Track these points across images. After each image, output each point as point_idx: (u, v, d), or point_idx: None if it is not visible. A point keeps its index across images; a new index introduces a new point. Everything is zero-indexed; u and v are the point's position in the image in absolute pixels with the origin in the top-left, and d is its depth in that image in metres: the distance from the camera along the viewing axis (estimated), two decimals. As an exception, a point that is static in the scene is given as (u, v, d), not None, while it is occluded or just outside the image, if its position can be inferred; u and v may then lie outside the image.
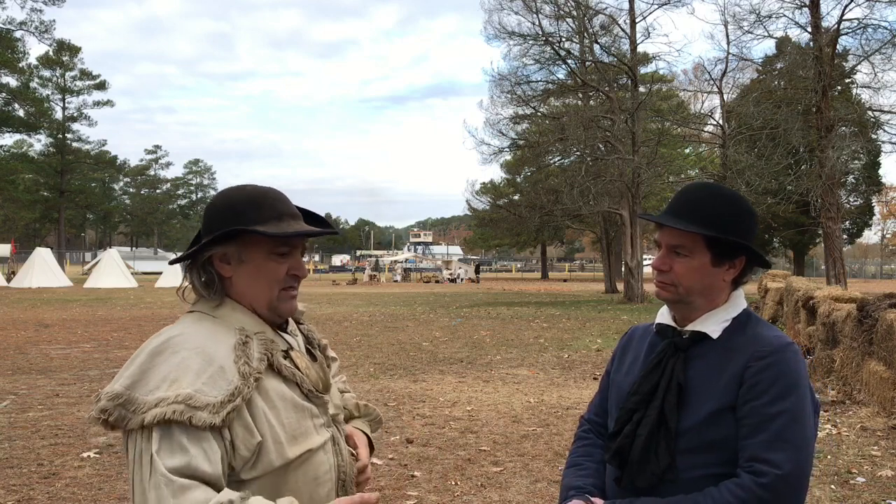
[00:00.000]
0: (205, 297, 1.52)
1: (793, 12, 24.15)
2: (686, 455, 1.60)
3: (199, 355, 1.41)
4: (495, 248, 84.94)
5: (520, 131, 38.89)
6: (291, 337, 1.62)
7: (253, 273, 1.51)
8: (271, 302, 1.53)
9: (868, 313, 7.79)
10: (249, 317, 1.53)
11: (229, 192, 1.56)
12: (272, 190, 1.57)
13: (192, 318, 1.52)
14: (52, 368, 10.35)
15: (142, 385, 1.36)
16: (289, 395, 1.49)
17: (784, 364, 1.58)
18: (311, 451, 1.49)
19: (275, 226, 1.49)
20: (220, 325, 1.49)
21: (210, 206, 1.56)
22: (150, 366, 1.39)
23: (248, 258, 1.51)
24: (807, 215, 31.94)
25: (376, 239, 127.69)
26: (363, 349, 12.74)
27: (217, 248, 1.50)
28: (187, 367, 1.38)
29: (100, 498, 4.86)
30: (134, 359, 1.43)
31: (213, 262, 1.51)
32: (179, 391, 1.34)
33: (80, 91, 63.94)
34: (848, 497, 4.92)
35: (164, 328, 1.50)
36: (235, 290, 1.53)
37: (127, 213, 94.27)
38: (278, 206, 1.53)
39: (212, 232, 1.50)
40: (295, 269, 1.55)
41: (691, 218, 1.65)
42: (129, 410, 1.34)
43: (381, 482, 5.18)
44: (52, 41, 53.12)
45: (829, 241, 23.54)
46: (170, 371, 1.37)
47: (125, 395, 1.35)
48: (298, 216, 1.57)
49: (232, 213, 1.50)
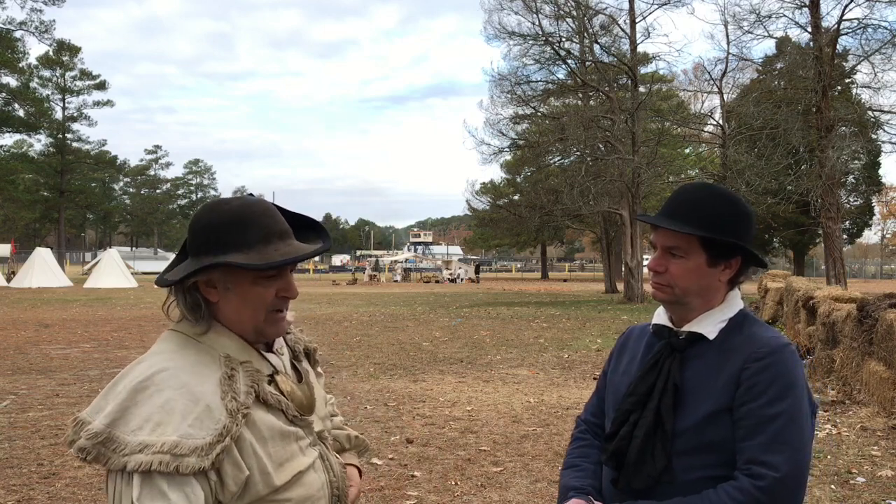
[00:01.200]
0: (191, 321, 1.47)
1: (793, 12, 24.18)
2: (683, 456, 1.60)
3: (185, 395, 1.36)
4: (495, 248, 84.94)
5: (520, 131, 38.91)
6: (277, 357, 1.59)
7: (239, 300, 1.46)
8: (258, 326, 1.49)
9: (868, 313, 7.79)
10: (235, 342, 1.49)
11: (215, 208, 1.48)
12: (260, 204, 1.49)
13: (175, 343, 1.47)
14: (52, 368, 10.35)
15: (122, 424, 1.32)
16: (276, 425, 1.46)
17: (781, 365, 1.58)
18: (300, 473, 1.48)
19: (259, 251, 1.42)
20: (204, 354, 1.45)
21: (195, 222, 1.48)
22: (131, 403, 1.34)
23: (234, 286, 1.45)
24: (807, 215, 31.94)
25: (376, 239, 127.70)
26: (363, 349, 12.74)
27: (201, 276, 1.45)
28: (172, 409, 1.34)
29: (100, 498, 4.86)
30: (113, 390, 1.38)
31: (199, 287, 1.46)
32: (165, 438, 1.30)
33: (80, 91, 63.99)
34: (848, 497, 4.92)
35: (147, 355, 1.45)
36: (222, 314, 1.48)
37: (127, 213, 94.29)
38: (266, 224, 1.45)
39: (195, 253, 1.45)
40: (284, 290, 1.49)
41: (686, 219, 1.65)
42: (110, 449, 1.30)
43: (381, 482, 5.18)
44: (52, 41, 53.19)
45: (829, 241, 23.54)
46: (153, 412, 1.33)
47: (105, 434, 1.31)
48: (288, 233, 1.49)
49: (214, 237, 1.43)
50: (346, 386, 9.00)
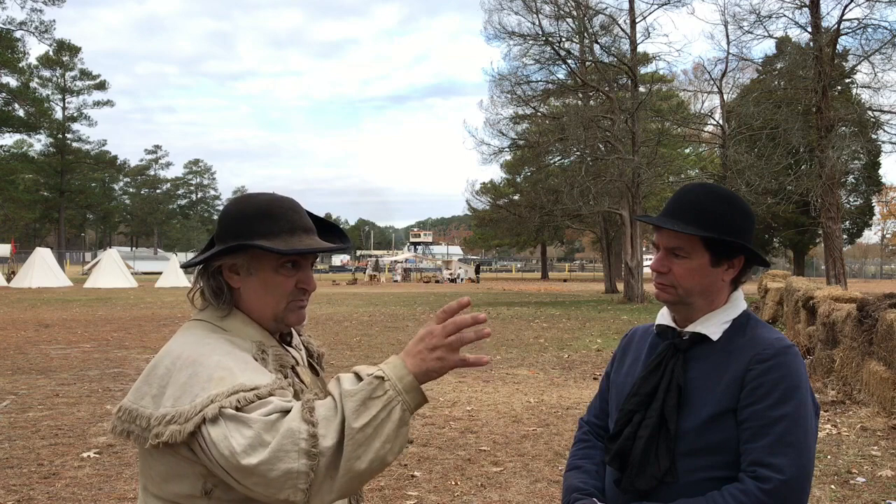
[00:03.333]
0: (213, 305, 1.51)
1: (793, 12, 24.18)
2: (686, 457, 1.59)
3: (232, 357, 1.40)
4: (495, 248, 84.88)
5: (520, 131, 38.94)
6: (296, 351, 1.62)
7: (261, 286, 1.50)
8: (277, 313, 1.52)
9: (868, 313, 7.78)
10: (258, 331, 1.52)
11: (245, 200, 1.55)
12: (288, 200, 1.55)
13: (202, 330, 1.50)
14: (52, 368, 10.34)
15: (186, 398, 1.34)
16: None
17: (785, 367, 1.57)
18: None
19: (285, 240, 1.48)
20: (232, 336, 1.49)
21: (225, 213, 1.55)
22: (185, 378, 1.36)
23: (256, 271, 1.50)
24: (807, 215, 31.94)
25: (376, 239, 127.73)
26: (363, 349, 12.74)
27: (226, 259, 1.49)
28: (227, 366, 1.37)
29: (100, 498, 4.86)
30: (154, 374, 1.40)
31: (223, 272, 1.51)
32: (230, 385, 1.33)
33: (80, 91, 64.09)
34: (848, 497, 4.92)
35: (176, 342, 1.47)
36: (243, 300, 1.52)
37: (127, 213, 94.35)
38: (292, 218, 1.52)
39: (223, 240, 1.50)
40: (304, 282, 1.53)
41: (688, 219, 1.65)
42: (182, 421, 1.31)
43: (381, 482, 5.17)
44: (52, 41, 53.26)
45: (829, 241, 23.53)
46: (212, 372, 1.35)
47: (172, 413, 1.33)
48: (312, 230, 1.55)
49: (244, 224, 1.49)
50: (347, 386, 8.99)
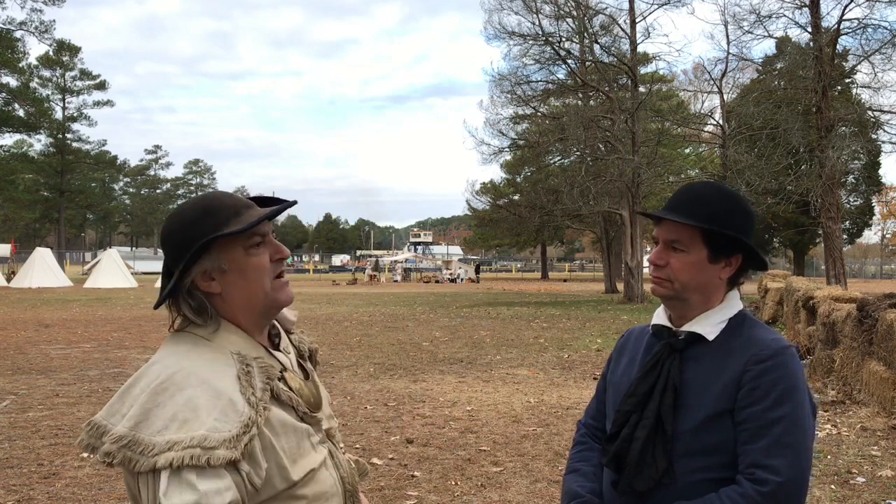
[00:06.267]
0: (199, 325, 1.47)
1: (793, 12, 24.16)
2: (684, 458, 1.59)
3: (207, 391, 1.36)
4: (495, 248, 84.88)
5: (520, 131, 38.91)
6: (284, 355, 1.59)
7: (240, 276, 1.46)
8: (267, 296, 1.49)
9: (868, 313, 7.78)
10: (244, 339, 1.49)
11: (178, 213, 1.49)
12: (216, 192, 1.52)
13: (186, 343, 1.45)
14: (52, 368, 10.35)
15: (147, 426, 1.31)
16: (289, 421, 1.47)
17: (783, 368, 1.57)
18: (313, 471, 1.48)
19: (237, 222, 1.44)
20: (217, 351, 1.45)
21: (168, 233, 1.47)
22: (153, 405, 1.33)
23: (230, 264, 1.45)
24: (807, 215, 31.93)
25: (376, 239, 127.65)
26: (363, 349, 12.74)
27: (195, 269, 1.44)
28: (196, 405, 1.33)
29: (100, 498, 4.86)
30: (129, 393, 1.37)
31: (199, 286, 1.46)
32: (192, 433, 1.29)
33: (80, 91, 63.99)
34: (848, 497, 4.92)
35: (159, 356, 1.44)
36: (228, 303, 1.48)
37: (127, 213, 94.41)
38: (230, 202, 1.47)
39: (178, 258, 1.44)
40: (276, 253, 1.51)
41: (689, 213, 1.65)
42: (137, 452, 1.29)
43: (381, 482, 5.18)
44: (52, 41, 53.17)
45: (829, 241, 23.52)
46: (178, 410, 1.32)
47: (129, 437, 1.30)
48: (252, 204, 1.51)
49: (190, 231, 1.43)
50: (346, 386, 9.00)
